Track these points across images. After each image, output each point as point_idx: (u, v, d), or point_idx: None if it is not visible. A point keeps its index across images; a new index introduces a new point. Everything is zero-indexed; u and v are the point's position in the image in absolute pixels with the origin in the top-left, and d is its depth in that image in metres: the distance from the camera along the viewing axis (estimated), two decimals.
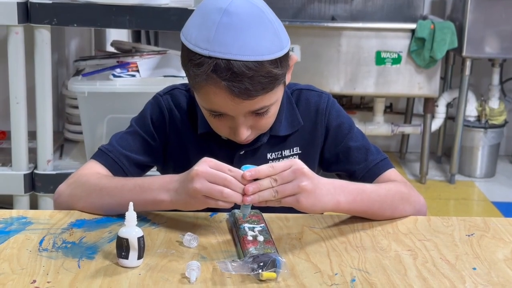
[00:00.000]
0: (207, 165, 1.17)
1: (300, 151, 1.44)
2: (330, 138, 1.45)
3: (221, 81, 1.21)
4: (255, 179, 1.16)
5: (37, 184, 2.36)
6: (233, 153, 1.39)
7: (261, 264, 1.05)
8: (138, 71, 2.40)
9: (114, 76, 2.35)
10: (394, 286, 1.06)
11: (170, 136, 1.44)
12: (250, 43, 1.21)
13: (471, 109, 4.09)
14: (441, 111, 4.13)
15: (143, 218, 1.28)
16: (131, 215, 1.09)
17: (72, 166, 2.41)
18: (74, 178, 1.37)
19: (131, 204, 1.09)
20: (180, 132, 1.43)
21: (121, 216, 1.18)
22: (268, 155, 1.42)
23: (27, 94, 2.30)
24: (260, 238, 1.17)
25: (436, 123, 4.14)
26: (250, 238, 1.17)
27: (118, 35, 3.37)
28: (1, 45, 2.47)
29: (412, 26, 3.74)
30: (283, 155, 1.43)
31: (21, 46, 2.24)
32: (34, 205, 2.40)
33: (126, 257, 1.08)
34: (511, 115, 4.29)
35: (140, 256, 1.09)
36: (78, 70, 2.57)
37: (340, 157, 1.45)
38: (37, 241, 1.18)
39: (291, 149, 1.44)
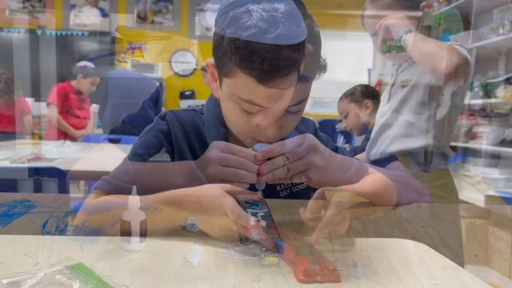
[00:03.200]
0: (218, 150, 1.18)
1: None
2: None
3: (243, 63, 1.17)
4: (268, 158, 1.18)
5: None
6: None
7: (264, 249, 1.05)
8: (142, 56, 2.39)
9: (119, 61, 2.35)
10: (396, 273, 1.06)
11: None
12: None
13: (477, 98, 4.07)
14: (446, 99, 4.11)
15: None
16: (134, 199, 1.09)
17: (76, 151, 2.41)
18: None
19: (134, 187, 1.09)
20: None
21: None
22: None
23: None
24: (263, 223, 1.17)
25: (441, 112, 4.12)
26: (253, 223, 1.17)
27: (123, 21, 3.36)
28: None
29: (418, 14, 3.71)
30: None
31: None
32: (38, 190, 2.40)
33: (129, 241, 1.08)
34: None
35: (142, 240, 1.09)
36: (83, 55, 2.57)
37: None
38: (40, 224, 1.18)
39: None
